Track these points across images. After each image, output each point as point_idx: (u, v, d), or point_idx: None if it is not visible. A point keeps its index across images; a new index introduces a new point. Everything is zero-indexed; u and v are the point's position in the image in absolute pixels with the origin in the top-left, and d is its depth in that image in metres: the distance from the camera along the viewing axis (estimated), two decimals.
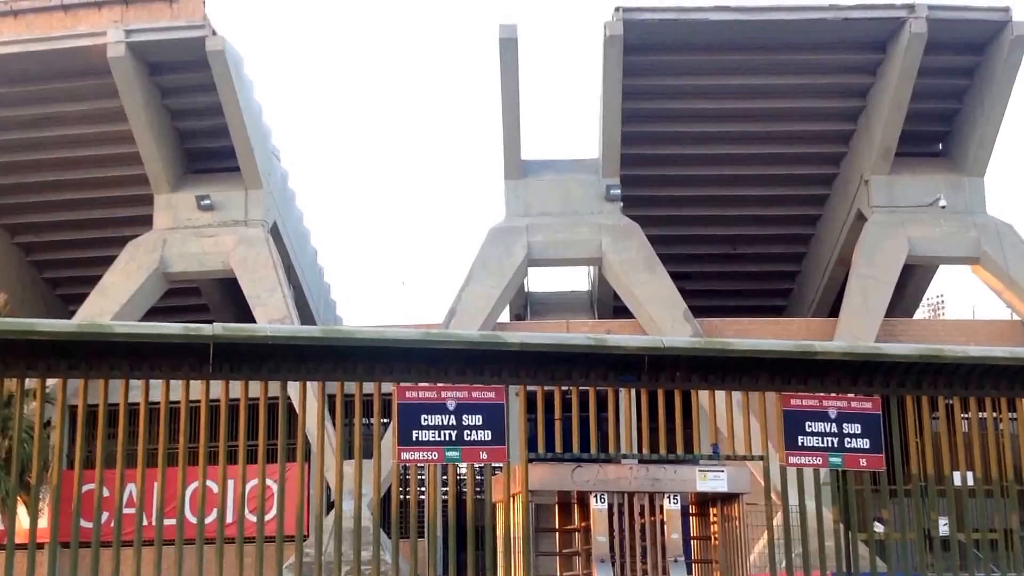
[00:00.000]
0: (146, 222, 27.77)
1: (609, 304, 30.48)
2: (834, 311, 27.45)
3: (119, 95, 25.88)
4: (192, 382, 11.16)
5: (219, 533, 10.96)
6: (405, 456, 11.64)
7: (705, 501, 13.55)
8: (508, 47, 25.27)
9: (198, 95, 26.42)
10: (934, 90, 26.25)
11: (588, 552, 12.27)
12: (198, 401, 11.05)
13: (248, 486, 11.65)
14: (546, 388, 12.55)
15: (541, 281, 35.58)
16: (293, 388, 11.70)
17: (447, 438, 11.79)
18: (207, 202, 27.01)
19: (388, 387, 11.93)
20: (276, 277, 26.38)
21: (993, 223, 26.57)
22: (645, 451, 12.94)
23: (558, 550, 13.38)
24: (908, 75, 24.89)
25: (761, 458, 13.10)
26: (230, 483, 12.14)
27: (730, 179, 29.23)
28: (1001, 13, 24.85)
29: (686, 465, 12.69)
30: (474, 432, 11.84)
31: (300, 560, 11.35)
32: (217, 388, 11.24)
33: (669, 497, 12.41)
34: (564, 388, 12.76)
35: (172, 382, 11.04)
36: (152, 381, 11.13)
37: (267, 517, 13.45)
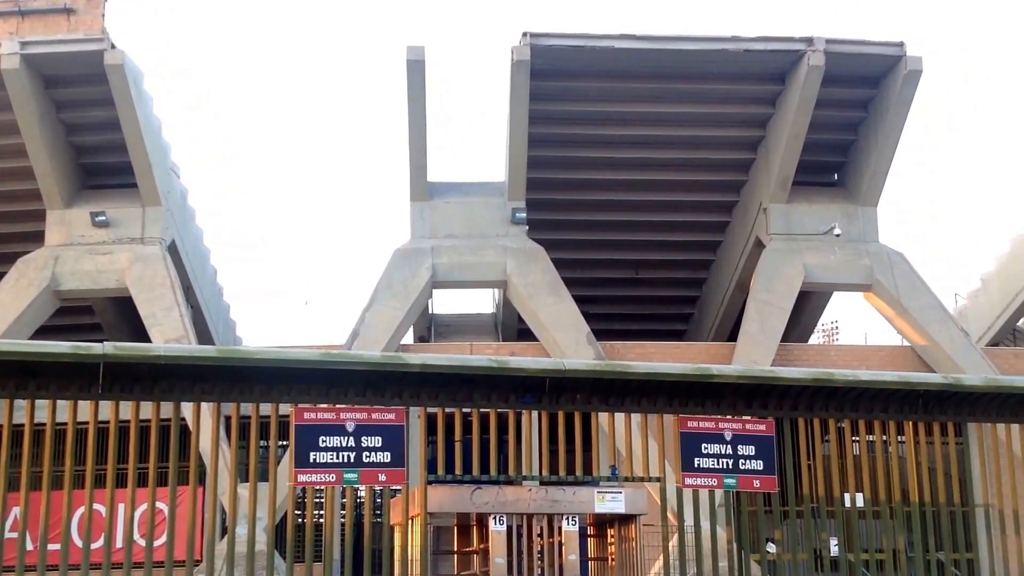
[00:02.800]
0: (38, 238, 27.02)
1: (513, 327, 30.58)
2: (733, 336, 27.92)
3: (12, 108, 25.20)
4: (80, 402, 10.87)
5: (106, 558, 10.68)
6: (302, 478, 11.51)
7: (603, 522, 13.68)
8: (415, 69, 25.27)
9: (95, 109, 25.85)
10: (831, 121, 26.95)
11: (486, 574, 12.27)
12: (86, 423, 10.77)
13: (139, 510, 11.39)
14: (447, 410, 12.55)
15: (446, 303, 35.56)
16: (187, 409, 11.49)
17: (345, 460, 11.70)
18: (102, 219, 26.39)
19: (286, 409, 11.79)
20: (173, 296, 25.87)
21: (885, 251, 27.34)
22: (545, 473, 13.01)
23: (456, 572, 13.35)
24: (806, 106, 25.51)
25: (658, 479, 13.27)
26: (120, 507, 11.84)
27: (634, 205, 29.62)
28: (895, 48, 25.62)
29: (585, 487, 12.80)
30: (373, 454, 11.78)
31: None
32: (107, 409, 10.98)
33: (568, 519, 12.51)
34: (465, 410, 12.76)
35: (59, 402, 10.74)
36: (38, 401, 10.82)
37: (157, 542, 13.14)
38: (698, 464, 13.21)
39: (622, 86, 26.44)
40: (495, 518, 12.20)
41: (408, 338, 28.40)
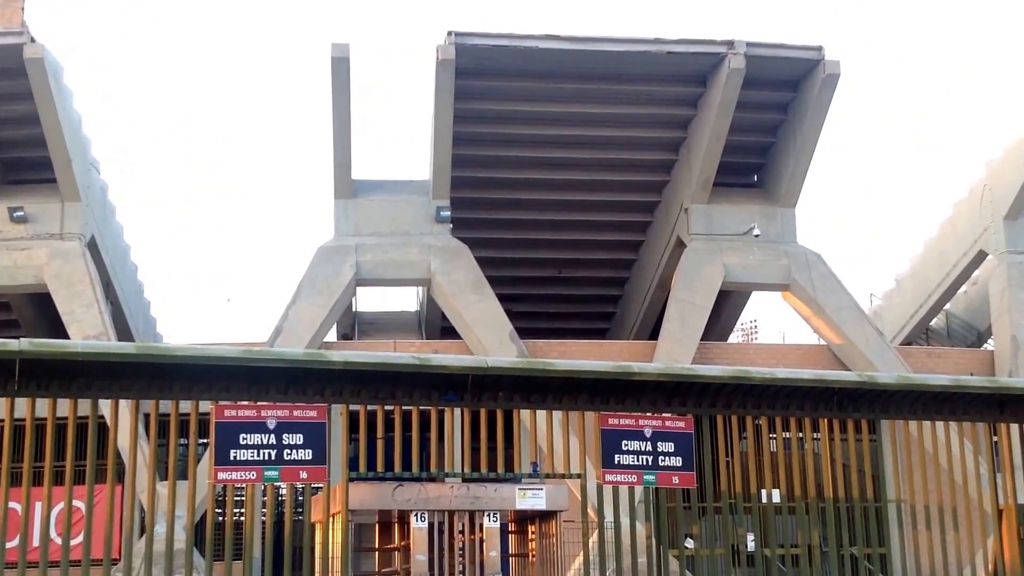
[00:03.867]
0: None
1: (437, 325, 30.62)
2: (654, 334, 28.28)
3: None
4: None
5: (21, 558, 10.51)
6: (222, 476, 11.44)
7: (524, 519, 13.78)
8: (340, 66, 25.18)
9: (14, 104, 25.29)
10: (751, 123, 27.43)
11: (407, 571, 12.31)
12: (2, 420, 10.59)
13: (56, 509, 11.24)
14: (369, 407, 12.57)
15: (370, 301, 35.50)
16: (105, 407, 11.35)
17: (266, 457, 11.66)
18: (20, 214, 25.84)
19: (206, 406, 11.71)
20: (92, 293, 25.43)
21: (803, 252, 27.92)
22: (467, 470, 13.08)
23: (377, 569, 13.37)
24: (727, 109, 25.93)
25: (579, 476, 13.41)
26: (36, 505, 11.67)
27: (557, 204, 29.84)
28: (814, 52, 26.14)
29: (507, 484, 12.88)
30: (295, 451, 11.75)
31: None
32: (23, 406, 10.80)
33: (489, 515, 12.58)
34: (388, 407, 12.78)
35: None
36: None
37: (74, 541, 12.96)
38: (618, 461, 13.37)
39: (546, 86, 26.63)
40: (417, 515, 12.23)
41: (332, 336, 28.31)
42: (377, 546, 13.41)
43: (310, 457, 11.80)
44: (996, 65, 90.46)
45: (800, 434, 14.44)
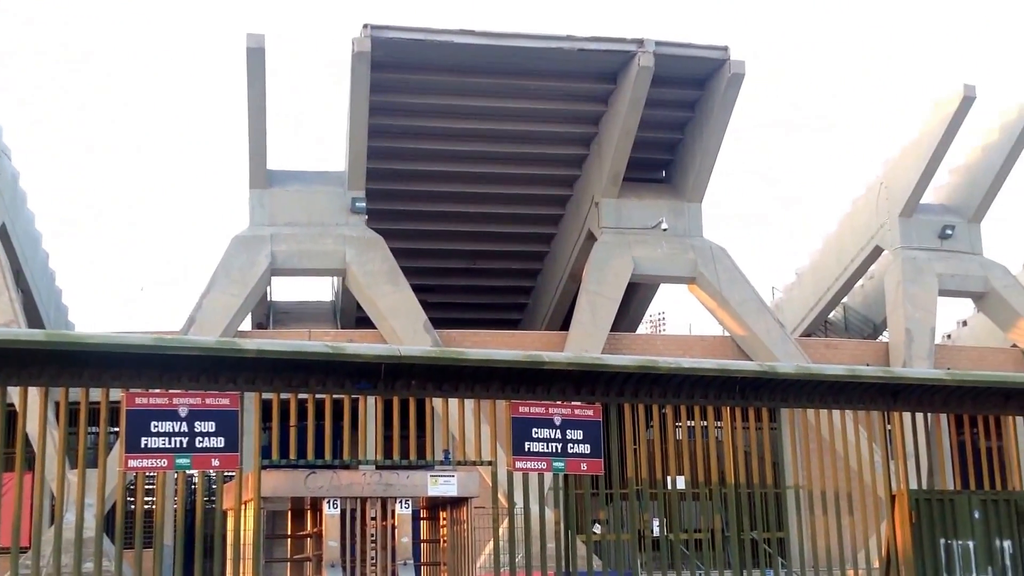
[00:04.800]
0: None
1: (352, 315, 30.64)
2: (565, 325, 28.69)
3: None
4: None
5: None
6: (133, 464, 11.42)
7: (436, 505, 13.98)
8: (255, 56, 25.04)
9: None
10: (660, 120, 27.97)
11: (319, 557, 12.41)
12: None
13: None
14: (282, 395, 12.64)
15: (284, 291, 35.33)
16: (14, 394, 11.26)
17: (178, 445, 11.67)
18: None
19: (117, 394, 11.68)
20: (2, 280, 24.93)
21: (709, 246, 28.56)
22: (380, 457, 13.24)
23: (289, 556, 13.45)
24: (636, 105, 26.41)
25: (490, 463, 13.66)
26: None
27: (472, 197, 30.06)
28: (720, 52, 26.77)
29: (419, 471, 13.06)
30: (207, 439, 11.77)
31: (16, 574, 10.93)
32: None
33: (401, 502, 12.73)
34: (301, 396, 12.88)
35: None
36: None
37: None
38: (529, 448, 13.61)
39: (461, 80, 26.82)
40: (329, 502, 12.34)
41: (246, 325, 28.16)
42: (290, 533, 13.49)
43: (222, 445, 11.83)
44: (892, 66, 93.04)
45: (704, 422, 14.86)
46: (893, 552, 15.02)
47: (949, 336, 39.21)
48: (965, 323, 39.07)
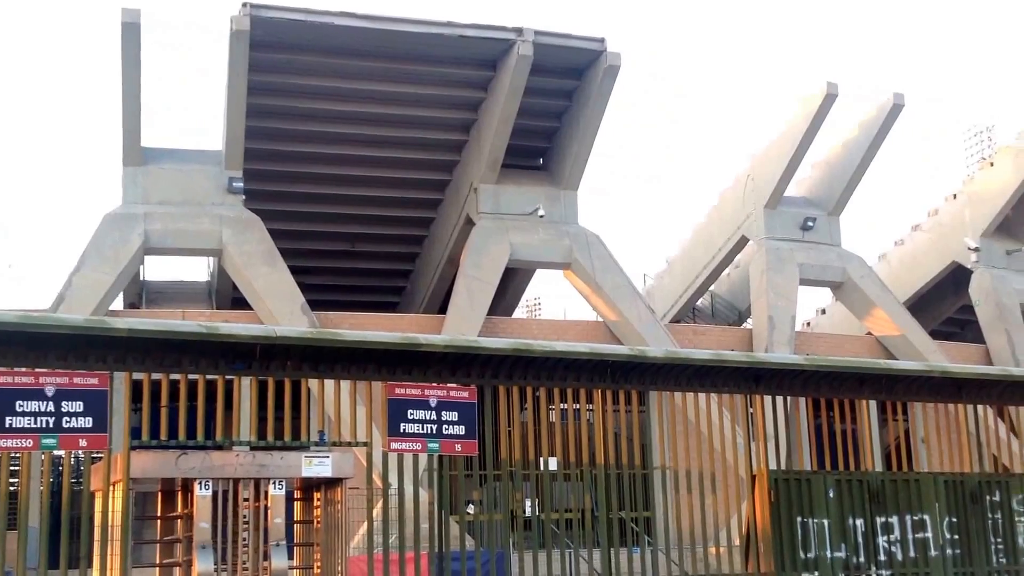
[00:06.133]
0: None
1: (228, 296, 30.25)
2: (443, 309, 28.86)
3: None
4: None
5: None
6: None
7: (310, 486, 13.99)
8: (130, 32, 24.52)
9: None
10: (538, 109, 28.33)
11: (190, 539, 12.32)
12: None
13: None
14: (154, 376, 12.51)
15: (159, 270, 34.58)
16: None
17: (44, 425, 11.48)
18: None
19: None
20: None
21: (584, 233, 29.07)
22: (254, 438, 13.21)
23: (159, 537, 13.32)
24: (515, 93, 26.69)
25: (365, 444, 13.77)
26: None
27: (351, 179, 29.96)
28: (597, 43, 27.24)
29: (293, 452, 13.06)
30: (74, 419, 11.60)
31: None
32: None
33: (274, 483, 12.70)
34: (174, 376, 12.76)
35: None
36: None
37: None
38: (404, 429, 13.76)
39: (342, 62, 26.70)
40: (201, 483, 12.24)
41: (118, 304, 27.58)
42: (160, 514, 13.35)
43: (91, 425, 11.68)
44: (763, 62, 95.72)
45: (576, 405, 15.21)
46: (753, 530, 15.60)
47: (809, 324, 40.74)
48: (824, 311, 40.67)
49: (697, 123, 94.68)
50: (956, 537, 16.15)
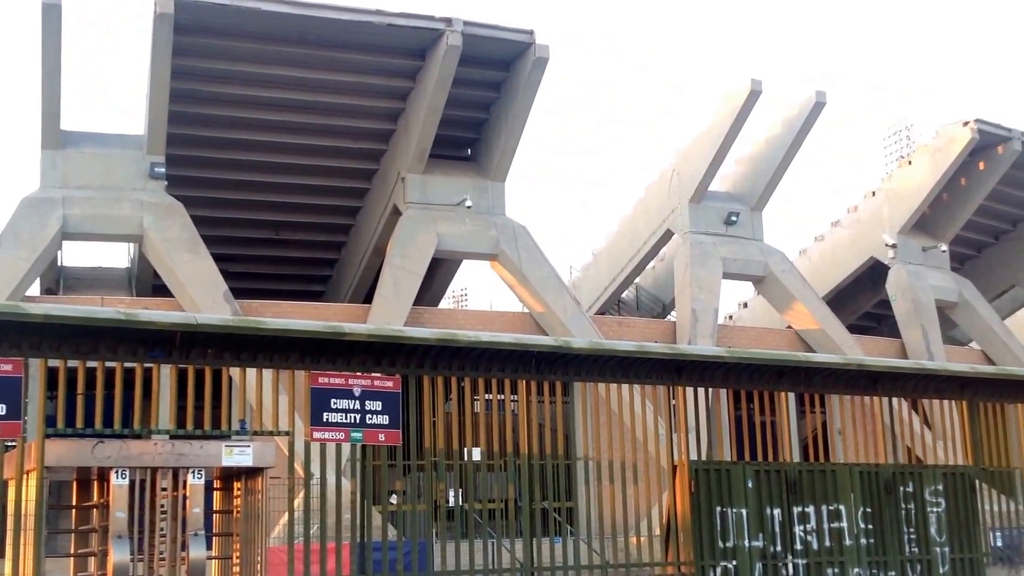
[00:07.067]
0: None
1: (149, 283, 29.80)
2: (369, 298, 28.74)
3: None
4: None
5: None
6: None
7: (230, 476, 13.84)
8: (51, 13, 24.03)
9: None
10: (466, 99, 28.31)
11: (106, 528, 12.11)
12: None
13: None
14: (70, 363, 12.28)
15: (78, 256, 34.01)
16: None
17: None
18: None
19: None
20: None
21: (511, 224, 29.14)
22: (173, 427, 13.03)
23: (74, 527, 13.08)
24: (444, 83, 26.64)
25: (287, 433, 13.67)
26: None
27: (276, 167, 29.66)
28: (526, 35, 27.30)
29: (214, 441, 12.91)
30: None
31: None
32: None
33: (193, 472, 12.54)
34: (90, 363, 12.53)
35: None
36: None
37: None
38: (327, 419, 13.68)
39: (268, 48, 26.41)
40: (117, 472, 12.04)
41: (35, 290, 27.03)
42: (75, 503, 13.10)
43: (4, 412, 11.47)
44: (691, 59, 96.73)
45: (501, 395, 15.26)
46: (673, 520, 15.79)
47: (731, 317, 41.36)
48: (746, 305, 41.32)
49: (624, 118, 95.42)
50: (870, 527, 16.52)
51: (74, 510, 13.06)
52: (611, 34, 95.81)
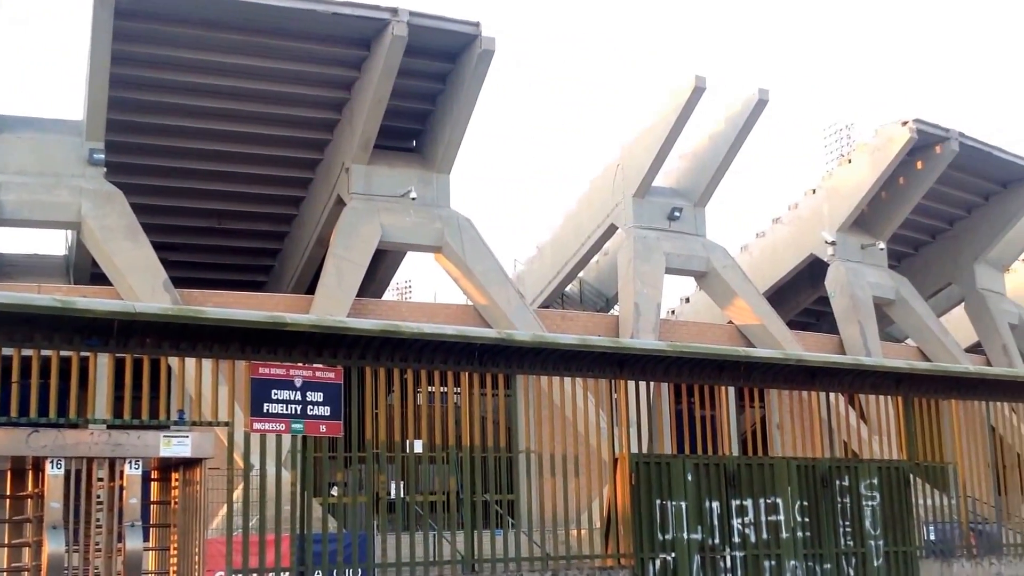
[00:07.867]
0: None
1: (87, 271, 29.30)
2: (312, 289, 28.54)
3: None
4: None
5: None
6: None
7: (168, 466, 13.70)
8: None
9: None
10: (412, 90, 28.16)
11: (40, 519, 11.93)
12: None
13: None
14: (4, 351, 12.08)
15: (14, 243, 33.37)
16: None
17: None
18: None
19: None
20: None
21: (455, 216, 29.08)
22: (110, 416, 12.86)
23: (8, 517, 12.86)
24: (389, 74, 26.47)
25: (227, 424, 13.56)
26: None
27: (218, 155, 29.30)
28: (472, 27, 27.19)
29: (151, 431, 12.76)
30: None
31: None
32: None
33: (131, 462, 12.40)
34: (25, 352, 12.33)
35: None
36: None
37: None
38: (267, 409, 13.62)
39: (211, 35, 26.05)
40: (52, 462, 11.86)
41: None
42: (9, 493, 12.87)
43: None
44: (636, 54, 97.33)
45: (444, 388, 15.26)
46: (614, 512, 15.95)
47: (673, 312, 41.69)
48: (688, 300, 41.67)
49: (569, 111, 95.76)
50: (807, 520, 16.78)
51: (8, 500, 12.85)
52: (558, 27, 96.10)
